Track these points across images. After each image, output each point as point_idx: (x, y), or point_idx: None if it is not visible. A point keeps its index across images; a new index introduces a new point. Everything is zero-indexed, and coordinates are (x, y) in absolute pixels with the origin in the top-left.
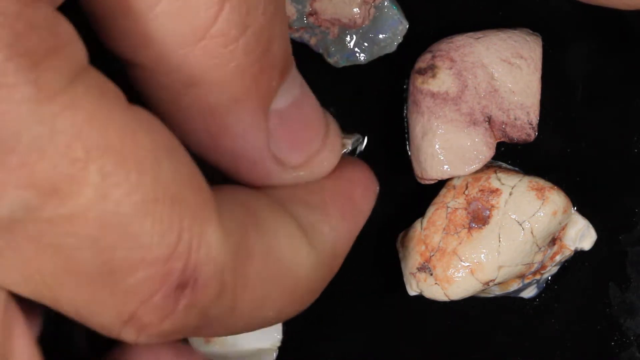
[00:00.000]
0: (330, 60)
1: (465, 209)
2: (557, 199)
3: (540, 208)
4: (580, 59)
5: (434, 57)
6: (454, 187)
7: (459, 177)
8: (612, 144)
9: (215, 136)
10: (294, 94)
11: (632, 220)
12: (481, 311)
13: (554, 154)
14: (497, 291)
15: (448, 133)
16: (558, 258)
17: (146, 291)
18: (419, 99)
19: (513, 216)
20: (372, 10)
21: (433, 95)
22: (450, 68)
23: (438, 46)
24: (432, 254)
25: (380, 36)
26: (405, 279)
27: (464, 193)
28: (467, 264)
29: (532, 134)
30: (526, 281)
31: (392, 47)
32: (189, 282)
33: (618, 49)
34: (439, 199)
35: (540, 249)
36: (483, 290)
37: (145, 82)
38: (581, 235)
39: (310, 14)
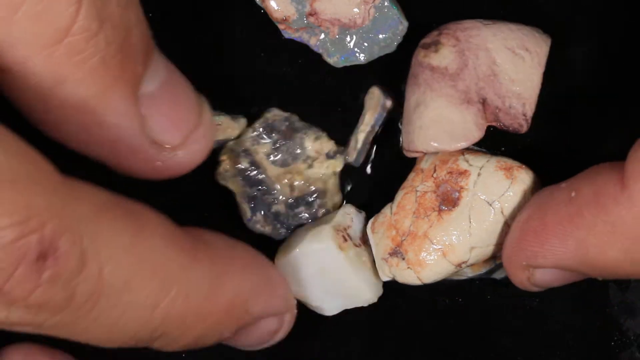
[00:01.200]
0: (330, 60)
1: (435, 192)
2: (525, 178)
3: (509, 187)
4: (579, 59)
5: (440, 34)
6: (422, 171)
7: (439, 153)
8: (612, 144)
9: (90, 129)
10: (161, 76)
11: None
12: (481, 311)
13: (553, 154)
14: (469, 273)
15: (440, 107)
16: None
17: (8, 267)
18: (418, 71)
19: (482, 197)
20: (372, 10)
21: (432, 68)
22: (454, 46)
23: (446, 25)
24: (403, 238)
25: (380, 36)
26: (377, 265)
27: (432, 176)
28: (439, 247)
29: (525, 126)
30: (498, 262)
31: (392, 47)
32: (49, 252)
33: (618, 49)
34: (407, 183)
35: (510, 227)
36: (456, 272)
37: (13, 86)
38: None
39: (310, 14)
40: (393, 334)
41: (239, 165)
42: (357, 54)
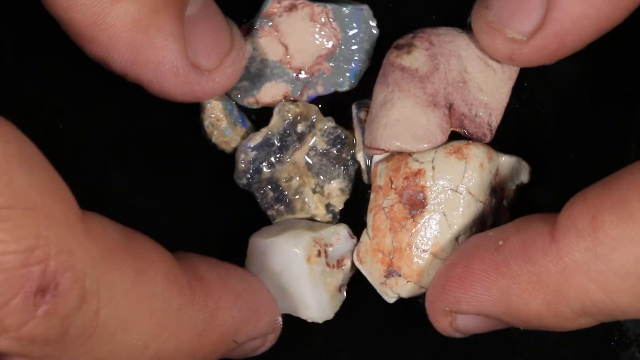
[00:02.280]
0: (346, 88)
1: (400, 202)
2: (477, 152)
3: (466, 167)
4: (580, 60)
5: (414, 36)
6: (381, 187)
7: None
8: (612, 144)
9: (139, 49)
10: (200, 0)
11: None
12: None
13: (554, 155)
14: None
15: (407, 107)
16: (505, 203)
17: (5, 294)
18: (388, 71)
19: (446, 187)
20: (334, 24)
21: (403, 69)
22: (427, 49)
23: (422, 30)
24: (391, 257)
25: (357, 32)
26: (379, 291)
27: (391, 188)
28: (427, 250)
29: (489, 135)
30: None
31: (375, 28)
32: (49, 287)
33: (618, 50)
34: (372, 204)
35: (484, 203)
36: None
37: (69, 6)
38: (516, 172)
39: (298, 73)
40: (393, 335)
41: (297, 120)
42: (358, 62)
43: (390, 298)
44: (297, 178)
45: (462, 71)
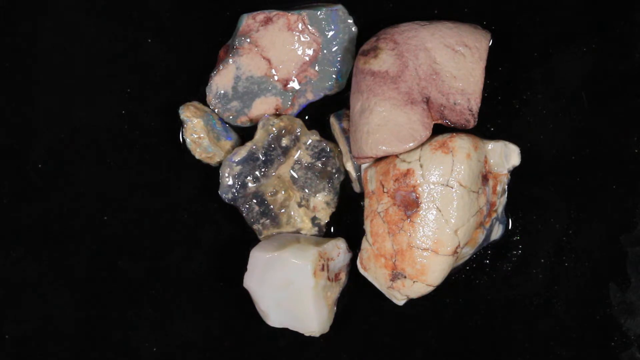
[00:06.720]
0: (335, 90)
1: (394, 204)
2: (462, 143)
3: (453, 160)
4: (580, 60)
5: (378, 39)
6: (373, 193)
7: (394, 154)
8: (612, 144)
9: None
10: None
11: (632, 220)
12: (481, 312)
13: (554, 155)
14: (470, 250)
15: (385, 111)
16: (499, 188)
17: None
18: (360, 78)
19: (436, 182)
20: (312, 29)
21: (373, 74)
22: (393, 49)
23: (384, 30)
24: (394, 260)
25: (334, 32)
26: (387, 296)
27: (384, 192)
28: (428, 247)
29: (472, 121)
30: (487, 226)
31: (352, 27)
32: None
33: (618, 50)
34: (367, 211)
35: (477, 192)
36: (457, 258)
37: None
38: (505, 156)
39: (286, 85)
40: (395, 335)
41: (282, 134)
42: (342, 62)
43: (400, 300)
44: (283, 192)
45: (431, 63)
